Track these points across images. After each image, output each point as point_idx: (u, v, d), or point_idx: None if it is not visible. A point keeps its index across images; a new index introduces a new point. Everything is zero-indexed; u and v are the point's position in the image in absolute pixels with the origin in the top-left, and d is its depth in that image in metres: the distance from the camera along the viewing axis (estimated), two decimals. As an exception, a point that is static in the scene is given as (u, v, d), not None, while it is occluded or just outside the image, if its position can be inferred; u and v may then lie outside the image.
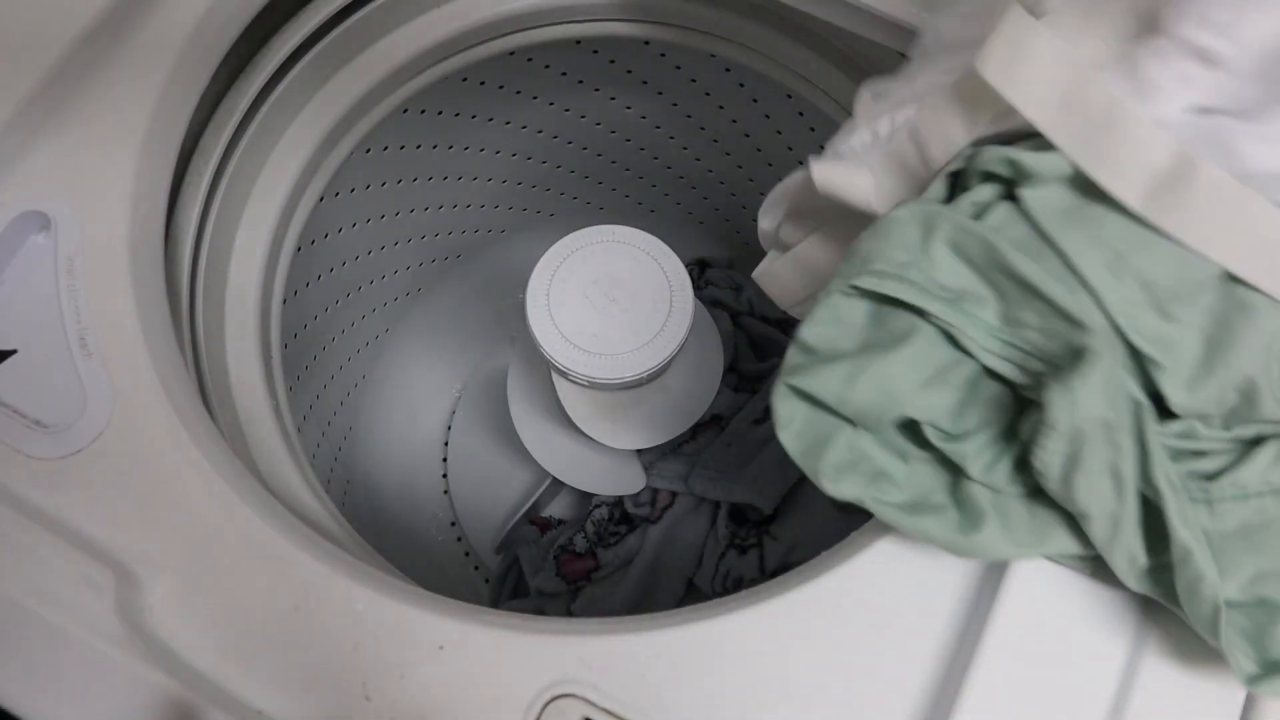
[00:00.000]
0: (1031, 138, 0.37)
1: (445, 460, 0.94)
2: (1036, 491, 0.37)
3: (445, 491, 0.93)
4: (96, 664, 0.38)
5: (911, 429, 0.38)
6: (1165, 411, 0.36)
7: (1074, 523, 0.37)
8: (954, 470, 0.38)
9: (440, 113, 0.78)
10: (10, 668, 0.38)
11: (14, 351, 0.43)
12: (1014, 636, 0.38)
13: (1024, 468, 0.36)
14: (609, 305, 0.61)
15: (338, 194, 0.73)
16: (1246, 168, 0.33)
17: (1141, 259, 0.34)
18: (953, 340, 0.36)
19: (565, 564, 0.81)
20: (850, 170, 0.41)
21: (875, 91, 0.45)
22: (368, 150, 0.74)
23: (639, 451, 0.82)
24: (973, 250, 0.36)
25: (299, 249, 0.66)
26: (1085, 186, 0.36)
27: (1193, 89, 0.34)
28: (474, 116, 0.82)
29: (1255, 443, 0.35)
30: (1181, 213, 0.34)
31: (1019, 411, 0.37)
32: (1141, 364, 0.35)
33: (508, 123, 0.85)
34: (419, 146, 0.81)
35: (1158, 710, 0.37)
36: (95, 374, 0.43)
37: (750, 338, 0.88)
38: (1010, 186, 0.37)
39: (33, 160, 0.46)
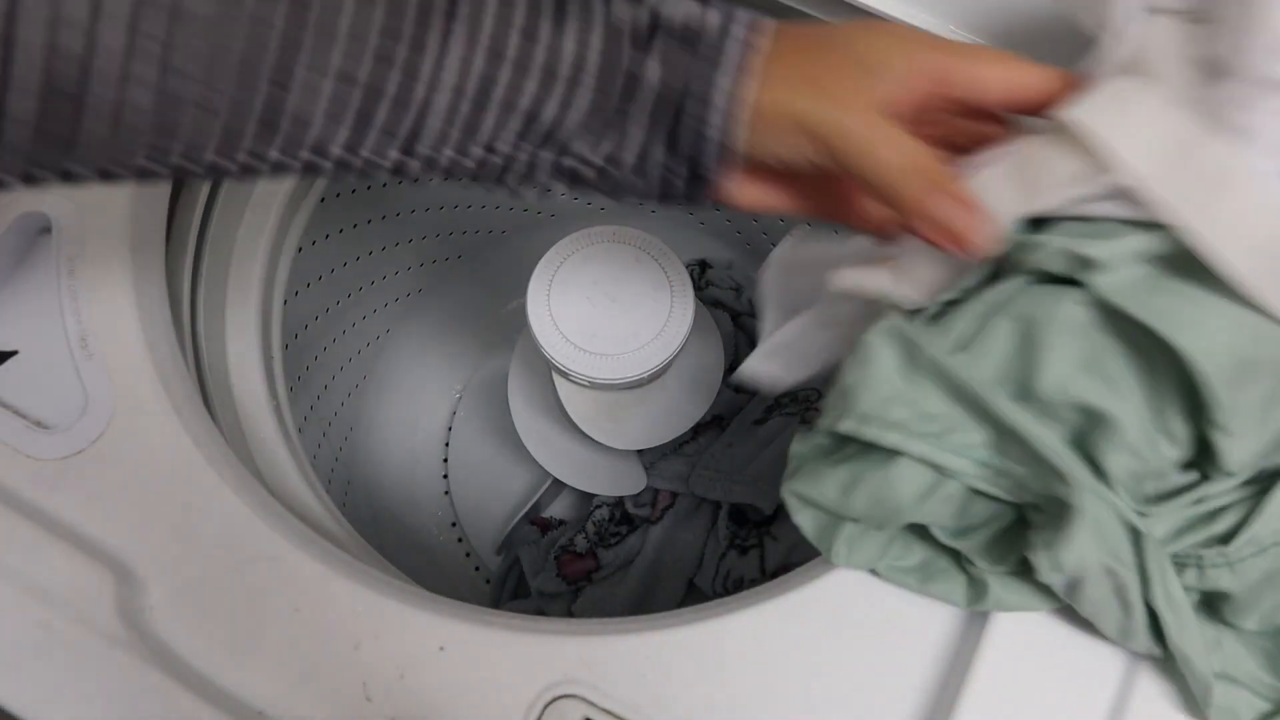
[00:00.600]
0: (1058, 222, 0.34)
1: (446, 461, 0.94)
2: None
3: (446, 492, 0.92)
4: (97, 664, 0.38)
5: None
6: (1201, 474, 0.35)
7: None
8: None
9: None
10: (11, 667, 0.38)
11: (15, 352, 0.43)
12: (1014, 639, 0.38)
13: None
14: (610, 305, 0.61)
15: (339, 195, 0.73)
16: None
17: (1229, 328, 0.31)
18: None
19: (566, 564, 0.81)
20: (864, 272, 0.38)
21: None
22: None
23: (640, 452, 0.82)
24: (951, 387, 0.34)
25: (300, 249, 0.66)
26: (1162, 264, 0.32)
27: None
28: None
29: (1262, 486, 0.34)
30: None
31: (1020, 514, 0.37)
32: (1198, 432, 0.33)
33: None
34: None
35: (1157, 711, 0.37)
36: (96, 375, 0.43)
37: (751, 338, 0.88)
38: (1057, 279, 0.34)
39: (33, 161, 0.46)
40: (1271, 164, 0.31)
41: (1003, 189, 0.34)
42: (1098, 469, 0.34)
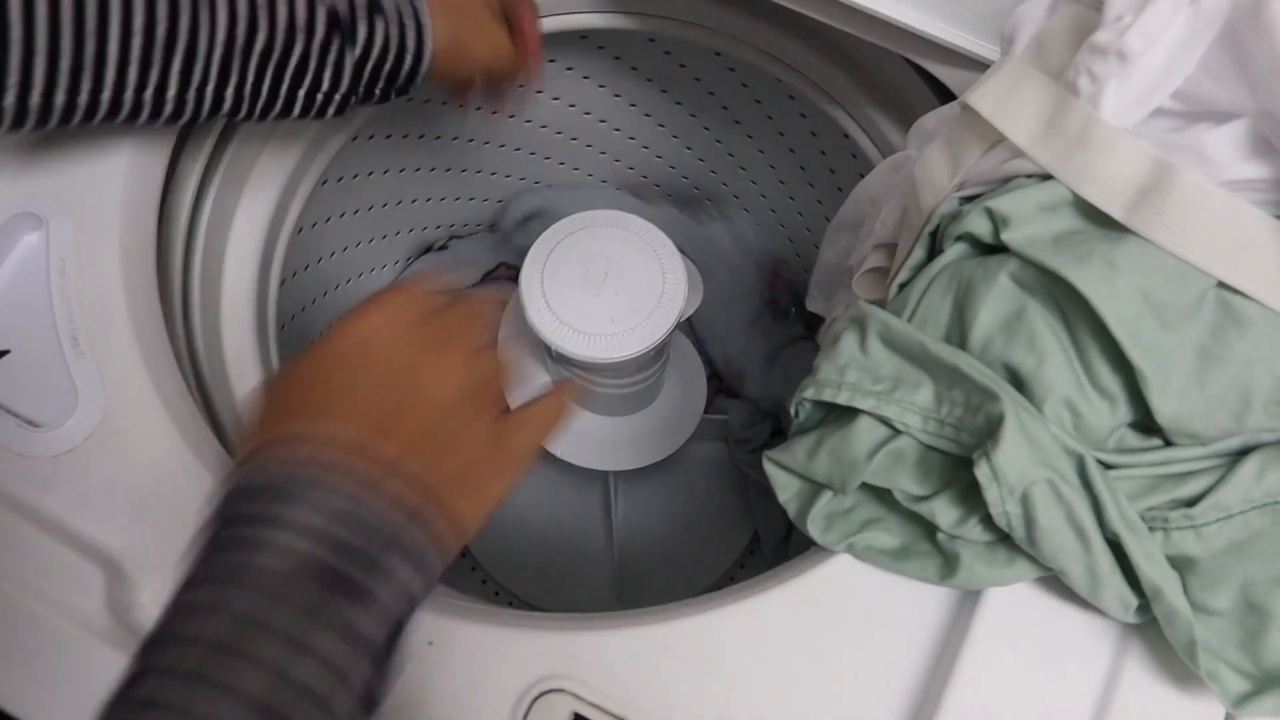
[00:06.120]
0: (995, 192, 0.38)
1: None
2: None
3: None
4: (87, 660, 0.38)
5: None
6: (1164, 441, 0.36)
7: None
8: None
9: (444, 103, 0.79)
10: (2, 664, 0.38)
11: (7, 351, 0.44)
12: (1000, 632, 0.38)
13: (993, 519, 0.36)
14: (602, 287, 0.61)
15: (340, 179, 0.74)
16: (1225, 174, 0.33)
17: (1135, 270, 0.33)
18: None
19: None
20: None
21: (894, 165, 0.49)
22: (370, 136, 0.75)
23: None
24: (898, 342, 0.38)
25: (299, 230, 0.66)
26: (1059, 211, 0.36)
27: (1131, 90, 0.34)
28: (477, 109, 0.81)
29: (1238, 456, 0.35)
30: (1163, 220, 0.33)
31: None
32: (1134, 385, 0.34)
33: (510, 116, 0.85)
34: (421, 136, 0.81)
35: (1143, 703, 0.37)
36: (87, 373, 0.43)
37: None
38: (983, 245, 0.38)
39: (26, 162, 0.46)
40: (1121, 114, 0.35)
41: (940, 160, 0.40)
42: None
